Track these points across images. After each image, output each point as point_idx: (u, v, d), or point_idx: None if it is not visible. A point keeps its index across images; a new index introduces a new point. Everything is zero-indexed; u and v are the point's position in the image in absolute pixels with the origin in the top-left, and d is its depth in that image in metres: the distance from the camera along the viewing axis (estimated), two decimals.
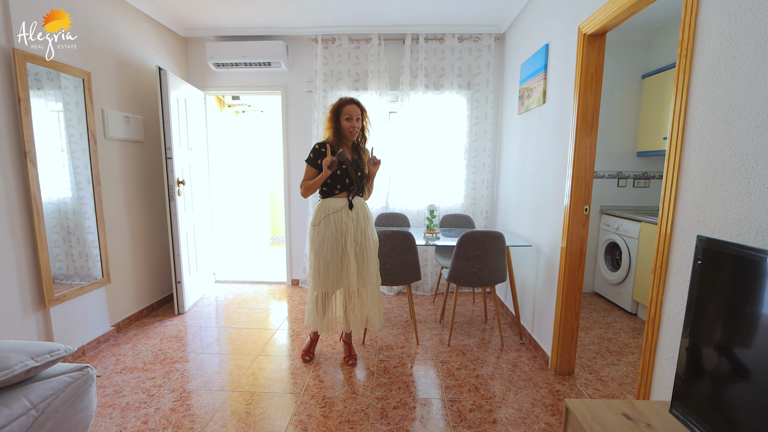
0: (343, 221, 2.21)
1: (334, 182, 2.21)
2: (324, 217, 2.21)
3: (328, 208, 2.21)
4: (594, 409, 1.24)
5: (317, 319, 2.30)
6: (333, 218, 2.20)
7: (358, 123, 2.21)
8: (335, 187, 2.22)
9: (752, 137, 1.08)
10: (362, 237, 2.25)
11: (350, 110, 2.19)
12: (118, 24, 2.77)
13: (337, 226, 2.20)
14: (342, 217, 2.21)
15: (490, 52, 3.47)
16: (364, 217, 2.29)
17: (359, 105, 2.23)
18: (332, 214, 2.20)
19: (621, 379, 2.24)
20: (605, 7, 1.82)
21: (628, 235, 3.21)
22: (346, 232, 2.21)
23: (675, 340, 1.36)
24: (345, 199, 2.23)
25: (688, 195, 1.31)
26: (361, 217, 2.27)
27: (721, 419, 0.95)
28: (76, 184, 2.54)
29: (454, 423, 1.84)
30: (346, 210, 2.22)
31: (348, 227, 2.21)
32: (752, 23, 1.08)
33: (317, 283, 2.24)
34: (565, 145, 2.24)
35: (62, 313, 2.32)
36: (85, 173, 2.54)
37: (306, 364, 2.38)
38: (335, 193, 2.23)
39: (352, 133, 2.21)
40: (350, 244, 2.21)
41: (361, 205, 2.28)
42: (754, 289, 0.87)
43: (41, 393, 1.25)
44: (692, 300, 1.03)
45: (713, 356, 0.99)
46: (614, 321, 3.11)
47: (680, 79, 1.34)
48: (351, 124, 2.20)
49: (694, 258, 1.01)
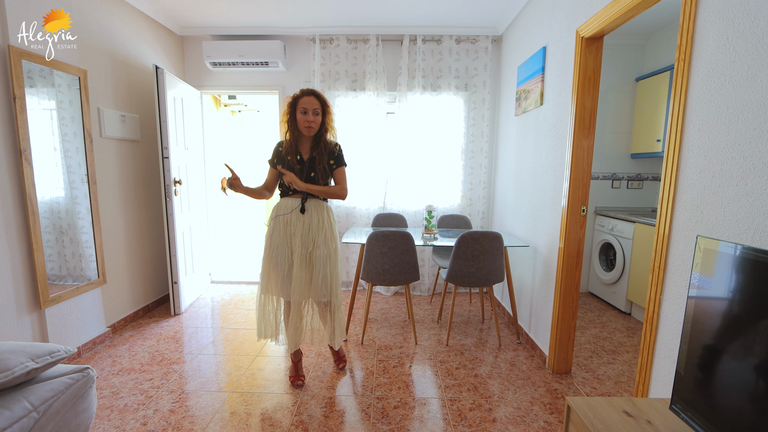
0: (291, 224, 2.04)
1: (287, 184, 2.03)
2: (274, 217, 2.07)
3: (279, 208, 2.07)
4: (595, 407, 1.26)
5: (264, 326, 2.13)
6: (282, 220, 2.04)
7: (316, 118, 1.99)
8: (289, 188, 2.06)
9: (750, 140, 1.11)
10: (312, 245, 2.04)
11: (306, 102, 1.97)
12: (114, 22, 2.74)
13: (285, 229, 2.04)
14: (291, 219, 2.03)
15: (487, 53, 3.50)
16: (319, 222, 2.07)
17: (319, 97, 2.02)
18: (282, 216, 2.04)
19: (617, 378, 2.27)
20: (603, 11, 1.85)
21: (623, 235, 3.25)
22: (292, 236, 2.03)
23: (673, 338, 1.39)
24: (299, 201, 2.04)
25: (686, 196, 1.34)
26: (315, 222, 2.06)
27: (720, 416, 0.97)
28: (70, 183, 2.51)
29: (455, 422, 1.85)
30: (296, 213, 2.03)
31: (296, 231, 2.03)
32: (750, 29, 1.11)
33: (262, 284, 2.10)
34: (563, 146, 2.26)
35: (57, 314, 2.29)
36: (78, 172, 2.51)
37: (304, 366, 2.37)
38: (289, 194, 2.07)
39: (308, 129, 1.99)
40: (297, 251, 2.02)
41: (317, 209, 2.07)
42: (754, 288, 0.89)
43: (42, 395, 1.23)
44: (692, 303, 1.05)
45: (713, 355, 1.02)
46: (609, 320, 3.15)
47: (678, 82, 1.37)
48: (306, 117, 1.97)
49: (693, 259, 1.03)
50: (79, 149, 2.49)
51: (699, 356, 1.06)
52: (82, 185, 2.54)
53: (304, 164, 2.05)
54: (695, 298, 1.05)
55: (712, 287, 1.01)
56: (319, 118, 2.01)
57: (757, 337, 0.89)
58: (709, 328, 1.03)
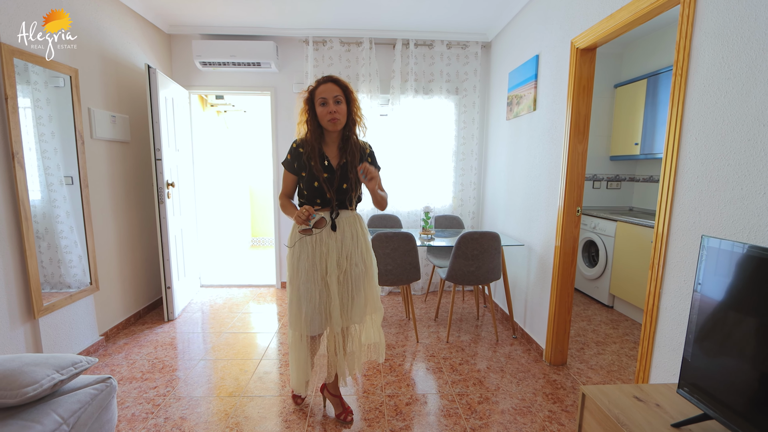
0: (323, 243, 1.72)
1: (312, 195, 1.70)
2: (300, 237, 1.72)
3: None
4: (609, 394, 1.37)
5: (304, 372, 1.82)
6: (310, 239, 1.72)
7: (339, 107, 1.63)
8: (314, 202, 1.72)
9: (744, 149, 1.24)
10: (348, 263, 1.76)
11: (325, 91, 1.62)
12: (103, 19, 2.64)
13: (315, 249, 1.71)
14: (322, 237, 1.72)
15: (477, 59, 3.61)
16: (353, 237, 1.77)
17: (338, 82, 1.65)
18: (309, 235, 1.71)
19: (609, 367, 2.43)
20: (598, 25, 1.98)
21: (605, 233, 3.45)
22: (327, 256, 1.72)
23: (672, 328, 1.52)
24: (327, 215, 1.73)
25: (684, 199, 1.47)
26: (348, 238, 1.75)
27: (724, 397, 1.09)
28: (48, 186, 2.40)
29: (466, 415, 1.93)
30: (327, 230, 1.72)
31: (330, 250, 1.72)
32: (744, 50, 1.24)
33: (292, 321, 1.77)
34: (558, 150, 2.39)
35: (51, 324, 2.20)
36: (57, 174, 2.40)
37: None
38: (315, 206, 1.74)
39: (333, 123, 1.64)
40: (332, 273, 1.72)
41: (349, 222, 1.77)
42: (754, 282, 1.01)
43: (70, 407, 1.21)
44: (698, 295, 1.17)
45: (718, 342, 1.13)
46: (594, 314, 3.34)
47: (675, 95, 1.50)
48: (327, 109, 1.62)
49: (698, 256, 1.15)
50: (58, 150, 2.38)
51: (704, 344, 1.18)
52: (60, 188, 2.43)
53: (334, 172, 1.70)
54: (701, 292, 1.17)
55: (715, 282, 1.13)
56: (343, 107, 1.65)
57: (757, 326, 1.01)
58: (714, 319, 1.15)
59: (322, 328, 1.77)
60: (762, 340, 1.00)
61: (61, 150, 2.40)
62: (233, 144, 5.26)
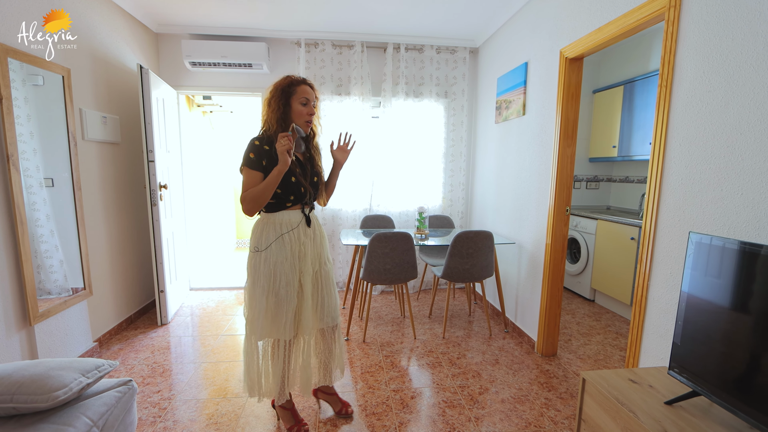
0: (300, 242, 1.69)
1: (286, 192, 1.64)
2: (277, 237, 1.64)
3: (280, 226, 1.65)
4: (606, 378, 1.50)
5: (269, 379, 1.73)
6: (288, 238, 1.65)
7: (315, 111, 1.69)
8: (287, 198, 1.66)
9: (724, 155, 1.39)
10: (319, 262, 1.78)
11: (307, 93, 1.64)
12: (93, 17, 2.58)
13: (293, 248, 1.67)
14: (299, 236, 1.68)
15: (465, 64, 3.74)
16: (321, 236, 1.79)
17: (313, 88, 1.69)
18: (287, 234, 1.65)
19: (595, 356, 2.59)
20: (587, 37, 2.12)
21: (586, 231, 3.66)
22: (304, 255, 1.70)
23: (660, 317, 1.67)
24: (299, 213, 1.70)
25: (670, 199, 1.62)
26: (318, 236, 1.77)
27: (710, 376, 1.23)
28: (27, 188, 2.32)
29: (469, 406, 2.03)
30: (303, 227, 1.70)
31: (306, 250, 1.70)
32: (723, 66, 1.39)
33: (264, 328, 1.66)
34: (548, 153, 2.53)
35: (46, 330, 2.14)
36: (36, 176, 2.33)
37: None
38: (287, 206, 1.68)
39: (308, 124, 1.68)
40: (308, 273, 1.71)
41: (316, 220, 1.80)
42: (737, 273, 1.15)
43: (97, 410, 1.21)
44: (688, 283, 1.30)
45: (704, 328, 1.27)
46: (577, 308, 3.53)
47: (661, 105, 1.65)
48: (308, 110, 1.64)
49: (686, 251, 1.29)
50: (38, 151, 2.30)
51: (692, 329, 1.31)
52: (41, 190, 2.36)
53: (305, 167, 1.71)
54: (689, 283, 1.31)
55: (702, 273, 1.27)
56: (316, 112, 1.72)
57: (738, 312, 1.15)
58: (700, 307, 1.29)
59: (292, 334, 1.70)
60: (743, 323, 1.14)
61: (41, 151, 2.32)
62: (218, 145, 5.19)
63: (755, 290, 1.12)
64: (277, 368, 1.71)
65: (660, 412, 1.27)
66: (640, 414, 1.26)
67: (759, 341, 1.10)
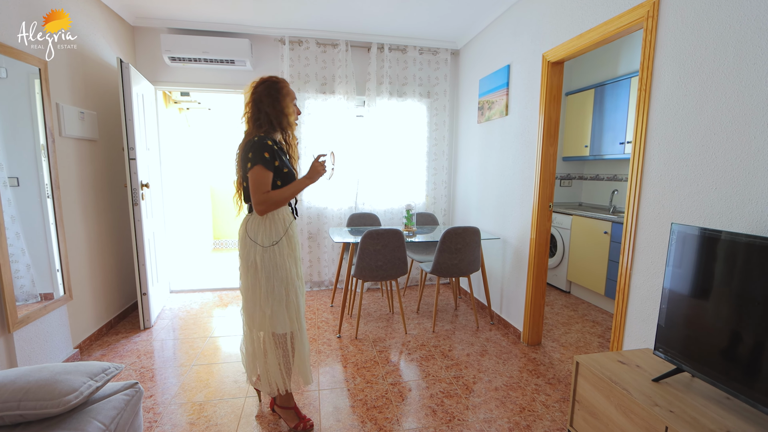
0: (296, 234, 1.79)
1: (286, 184, 1.69)
2: (285, 230, 1.70)
3: (284, 219, 1.71)
4: (598, 360, 1.61)
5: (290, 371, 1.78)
6: (291, 231, 1.73)
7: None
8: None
9: (699, 153, 1.53)
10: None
11: (294, 94, 1.74)
12: (70, 7, 2.45)
13: (295, 243, 1.77)
14: (295, 228, 1.78)
15: (447, 65, 3.83)
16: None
17: None
18: (290, 227, 1.73)
19: (576, 344, 2.75)
20: (569, 43, 2.25)
21: (562, 226, 3.85)
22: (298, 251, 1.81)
23: (642, 302, 1.80)
24: (289, 207, 1.79)
25: (650, 194, 1.76)
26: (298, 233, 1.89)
27: (691, 354, 1.36)
28: None
29: (465, 395, 2.11)
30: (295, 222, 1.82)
31: (299, 245, 1.83)
32: (697, 72, 1.53)
33: (282, 320, 1.69)
34: (531, 152, 2.66)
35: (25, 338, 2.02)
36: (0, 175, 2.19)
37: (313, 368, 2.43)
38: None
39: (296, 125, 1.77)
40: (299, 268, 1.80)
41: None
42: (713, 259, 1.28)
43: (108, 413, 1.19)
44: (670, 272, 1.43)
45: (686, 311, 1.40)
46: (554, 299, 3.71)
47: (641, 107, 1.78)
48: (297, 110, 1.77)
49: (669, 240, 1.41)
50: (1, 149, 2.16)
51: (674, 312, 1.44)
52: (5, 190, 2.22)
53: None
54: (671, 271, 1.44)
55: (683, 260, 1.40)
56: None
57: (716, 293, 1.28)
58: (682, 291, 1.42)
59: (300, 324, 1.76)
60: (720, 303, 1.28)
61: (4, 149, 2.18)
62: (195, 142, 5.03)
63: (732, 272, 1.25)
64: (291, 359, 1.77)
65: (649, 388, 1.39)
66: (633, 391, 1.38)
67: (733, 318, 1.23)
